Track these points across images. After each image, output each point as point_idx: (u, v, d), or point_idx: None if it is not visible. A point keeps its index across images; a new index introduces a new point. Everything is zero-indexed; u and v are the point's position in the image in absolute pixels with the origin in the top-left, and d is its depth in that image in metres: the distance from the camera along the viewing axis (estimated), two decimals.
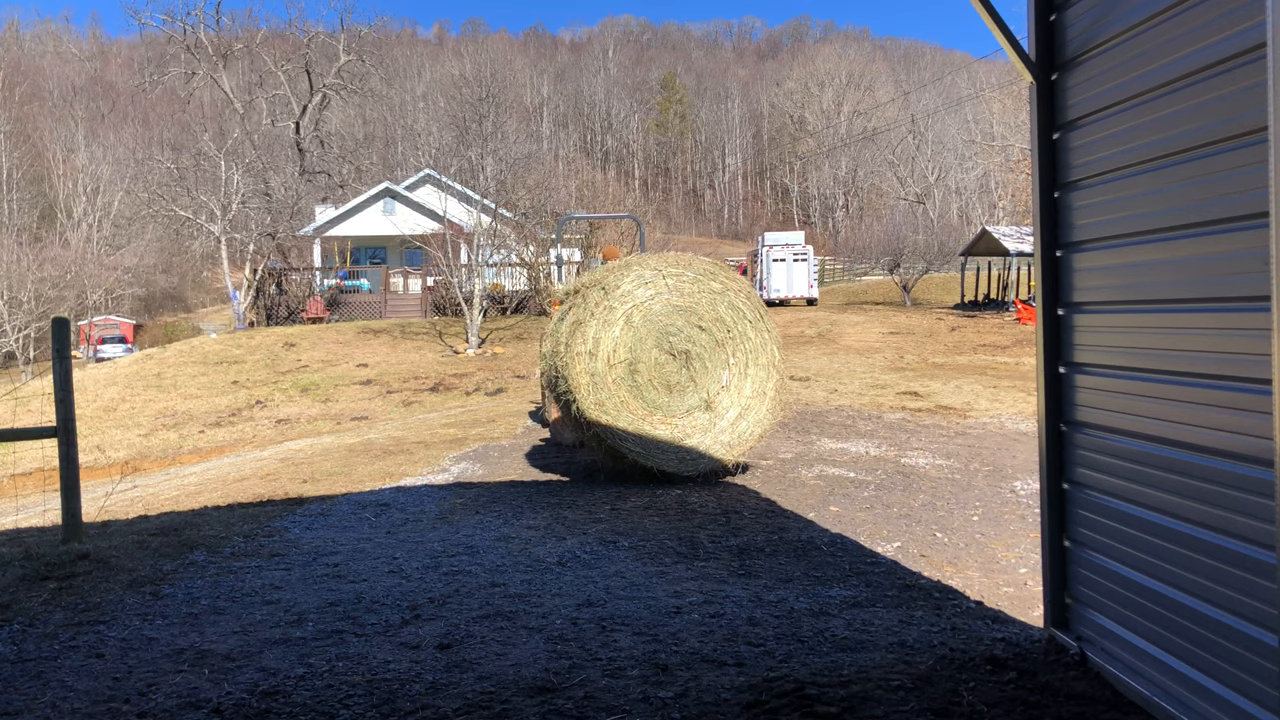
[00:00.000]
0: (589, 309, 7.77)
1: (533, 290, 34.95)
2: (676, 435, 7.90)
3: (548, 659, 3.84)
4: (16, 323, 39.29)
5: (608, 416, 7.69)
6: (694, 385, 8.00)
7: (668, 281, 7.97)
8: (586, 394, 7.67)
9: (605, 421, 7.68)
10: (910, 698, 3.30)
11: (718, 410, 8.04)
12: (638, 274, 7.95)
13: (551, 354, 8.21)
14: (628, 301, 7.84)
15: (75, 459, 5.91)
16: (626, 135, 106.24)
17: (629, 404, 7.76)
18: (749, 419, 8.08)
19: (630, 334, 7.81)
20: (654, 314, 7.91)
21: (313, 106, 52.04)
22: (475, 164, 33.25)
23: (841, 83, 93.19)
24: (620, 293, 7.84)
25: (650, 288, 7.92)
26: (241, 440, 18.76)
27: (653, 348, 7.86)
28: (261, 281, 38.49)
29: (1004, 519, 6.56)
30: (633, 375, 7.81)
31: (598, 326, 7.75)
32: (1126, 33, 3.03)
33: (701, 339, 8.00)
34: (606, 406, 7.70)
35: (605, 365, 7.71)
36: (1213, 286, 2.65)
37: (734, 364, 8.10)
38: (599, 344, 7.73)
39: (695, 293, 8.03)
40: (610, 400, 7.71)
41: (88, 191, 65.93)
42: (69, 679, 3.72)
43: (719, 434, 7.99)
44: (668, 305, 7.95)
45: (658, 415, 7.88)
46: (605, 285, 7.87)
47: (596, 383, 7.69)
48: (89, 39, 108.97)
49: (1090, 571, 3.41)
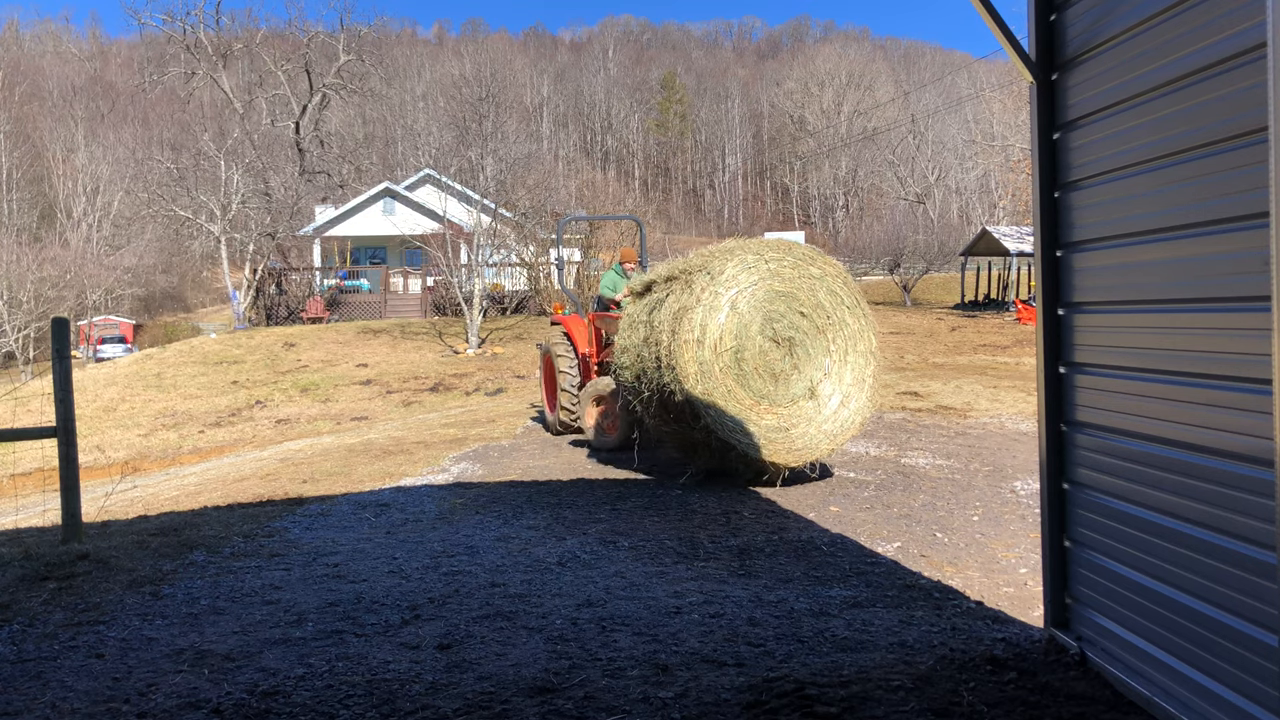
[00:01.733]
0: (695, 295, 7.38)
1: (533, 290, 34.95)
2: (783, 424, 7.57)
3: (548, 659, 3.84)
4: (16, 323, 39.28)
5: (717, 407, 7.32)
6: (797, 373, 7.69)
7: (769, 266, 7.65)
8: (695, 383, 7.28)
9: (715, 412, 7.30)
10: (910, 698, 3.30)
11: (820, 399, 7.74)
12: (741, 259, 7.60)
13: (643, 343, 7.84)
14: (732, 287, 7.49)
15: (75, 459, 5.91)
16: (626, 135, 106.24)
17: (735, 393, 7.42)
18: (850, 407, 7.81)
19: (736, 320, 7.47)
20: (758, 300, 7.57)
21: (313, 106, 52.02)
22: (475, 164, 33.25)
23: (841, 83, 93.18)
24: (725, 278, 7.48)
25: (754, 273, 7.58)
26: (241, 440, 18.76)
27: (757, 334, 7.53)
28: (261, 281, 38.50)
29: (1004, 519, 6.56)
30: (739, 363, 7.47)
31: (704, 313, 7.36)
32: (1126, 33, 3.03)
33: (803, 325, 7.71)
34: (715, 396, 7.32)
35: (712, 353, 7.34)
36: (1213, 286, 2.65)
37: (834, 351, 7.84)
38: (706, 331, 7.34)
39: (795, 278, 7.72)
40: (718, 389, 7.34)
41: (88, 191, 65.92)
42: (69, 679, 3.72)
43: (823, 423, 7.70)
44: (770, 291, 7.62)
45: (764, 404, 7.54)
46: (710, 270, 7.50)
47: (704, 371, 7.32)
48: (89, 39, 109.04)
49: (1090, 571, 3.41)
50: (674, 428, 7.79)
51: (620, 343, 8.30)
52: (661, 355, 7.47)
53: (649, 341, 7.74)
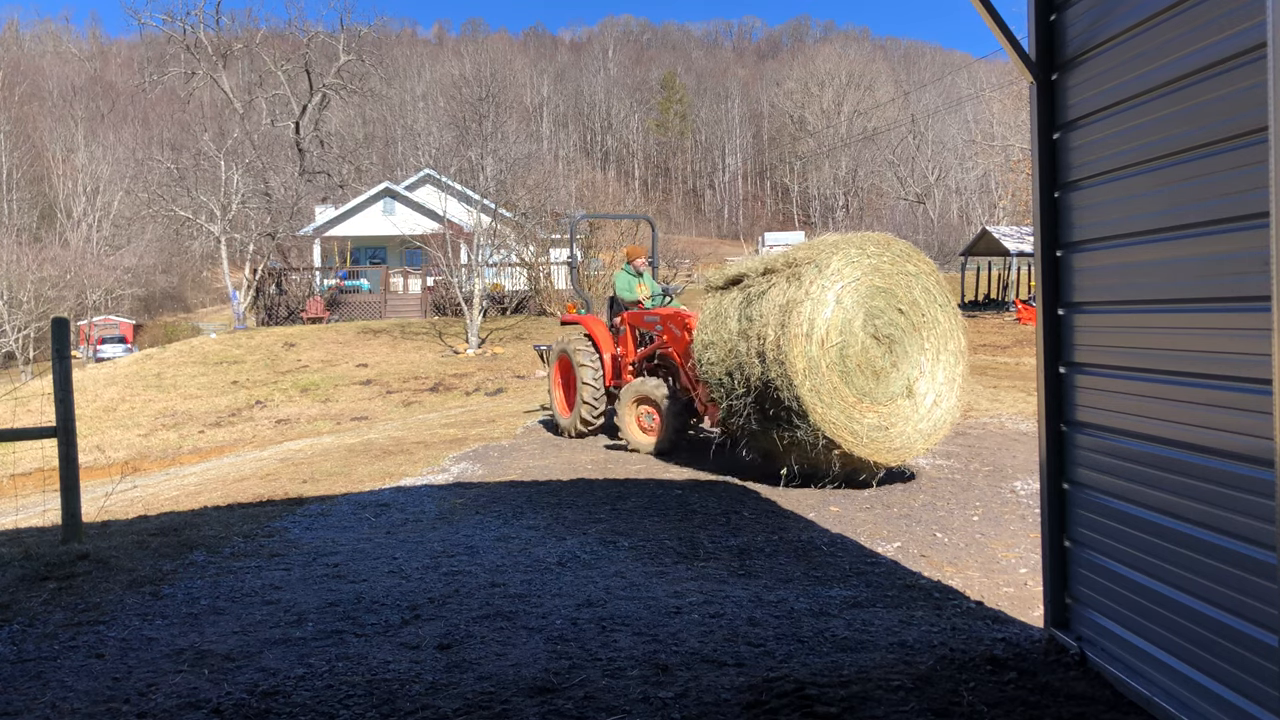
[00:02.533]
0: (804, 288, 7.16)
1: (532, 290, 34.95)
2: (882, 423, 7.40)
3: (548, 659, 3.84)
4: (16, 323, 39.30)
5: (823, 404, 7.10)
6: (896, 371, 7.51)
7: (870, 261, 7.46)
8: (803, 379, 7.05)
9: (821, 409, 7.08)
10: (910, 698, 3.30)
11: (917, 397, 7.57)
12: (845, 253, 7.38)
13: (737, 338, 7.59)
14: (838, 281, 7.28)
15: (75, 459, 5.91)
16: (626, 135, 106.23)
17: (840, 390, 7.22)
18: (942, 407, 7.68)
19: (841, 315, 7.25)
20: (860, 295, 7.38)
21: (313, 106, 52.02)
22: (475, 164, 33.27)
23: (841, 83, 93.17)
24: (831, 271, 7.25)
25: (857, 267, 7.38)
26: (241, 440, 18.76)
27: (859, 331, 7.34)
28: (261, 281, 38.51)
29: (1004, 519, 6.56)
30: (843, 360, 7.26)
31: (812, 306, 7.13)
32: (1126, 33, 3.03)
33: (900, 322, 7.54)
34: (822, 393, 7.11)
35: (819, 349, 7.12)
36: (1213, 286, 2.65)
37: (928, 349, 7.69)
38: (814, 325, 7.11)
39: (894, 274, 7.55)
40: (824, 386, 7.12)
41: (87, 191, 65.92)
42: (69, 679, 3.72)
43: (919, 422, 7.54)
44: (871, 286, 7.43)
45: (865, 402, 7.35)
46: (818, 263, 7.28)
47: (812, 367, 7.08)
48: (89, 39, 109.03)
49: (1090, 571, 3.41)
50: (770, 426, 7.53)
51: (703, 338, 8.04)
52: (767, 350, 7.24)
53: (746, 335, 7.51)
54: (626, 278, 10.85)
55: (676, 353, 9.38)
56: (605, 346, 10.51)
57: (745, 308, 7.68)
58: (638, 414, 9.64)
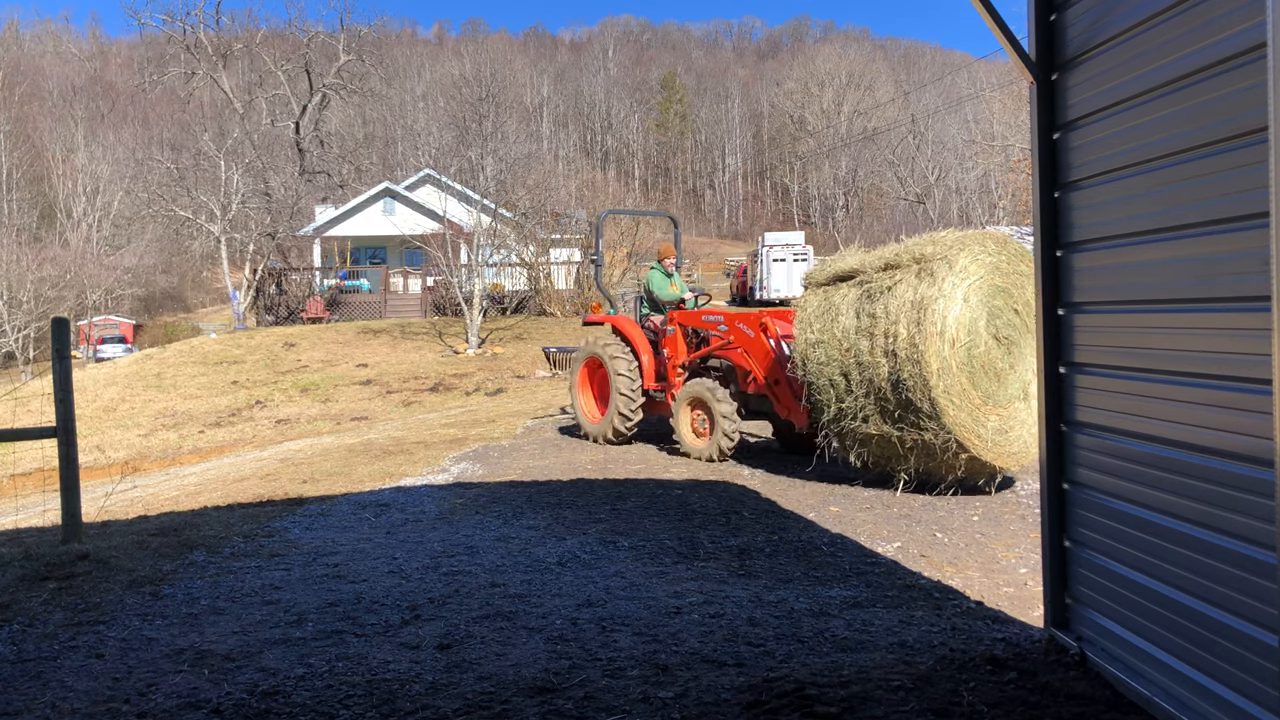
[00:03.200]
0: (938, 285, 6.89)
1: (532, 290, 34.95)
2: (1003, 426, 7.17)
3: (548, 659, 3.84)
4: (16, 323, 39.31)
5: (954, 406, 6.83)
6: (1013, 372, 7.28)
7: (991, 259, 7.21)
8: (937, 380, 6.77)
9: (953, 411, 6.82)
10: (910, 698, 3.30)
11: (1031, 400, 7.31)
12: (970, 250, 7.11)
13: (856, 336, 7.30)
14: (966, 278, 7.02)
15: (75, 459, 5.90)
16: (626, 135, 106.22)
17: (968, 392, 6.97)
18: None
19: (969, 314, 6.97)
20: (984, 294, 7.12)
21: (312, 106, 51.99)
22: (475, 164, 33.27)
23: (841, 83, 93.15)
24: (959, 268, 6.96)
25: (980, 265, 7.13)
26: (241, 440, 18.76)
27: (983, 330, 7.07)
28: (261, 281, 38.51)
29: (1004, 519, 6.56)
30: (970, 360, 7.01)
31: (945, 304, 6.84)
32: (1126, 33, 3.03)
33: (1016, 323, 7.30)
34: (953, 394, 6.85)
35: (950, 349, 6.85)
36: (1213, 286, 2.65)
37: None
38: (946, 324, 6.83)
39: (1010, 273, 7.31)
40: (955, 387, 6.86)
41: (87, 191, 65.92)
42: (69, 679, 3.72)
43: (1031, 426, 7.24)
44: (992, 286, 7.19)
45: (988, 404, 7.11)
46: (949, 260, 7.00)
47: (944, 368, 6.81)
48: (89, 39, 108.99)
49: (1090, 571, 3.41)
50: (893, 429, 7.22)
51: (808, 336, 7.68)
52: (899, 349, 6.94)
53: (869, 333, 7.20)
54: (662, 277, 10.46)
55: (748, 353, 8.97)
56: (642, 348, 10.08)
57: (865, 304, 7.33)
58: (692, 417, 9.28)
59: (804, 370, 7.78)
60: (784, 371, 8.48)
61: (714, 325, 9.48)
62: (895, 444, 7.28)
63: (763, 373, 8.77)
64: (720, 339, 9.35)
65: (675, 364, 9.83)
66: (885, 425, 7.26)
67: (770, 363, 8.68)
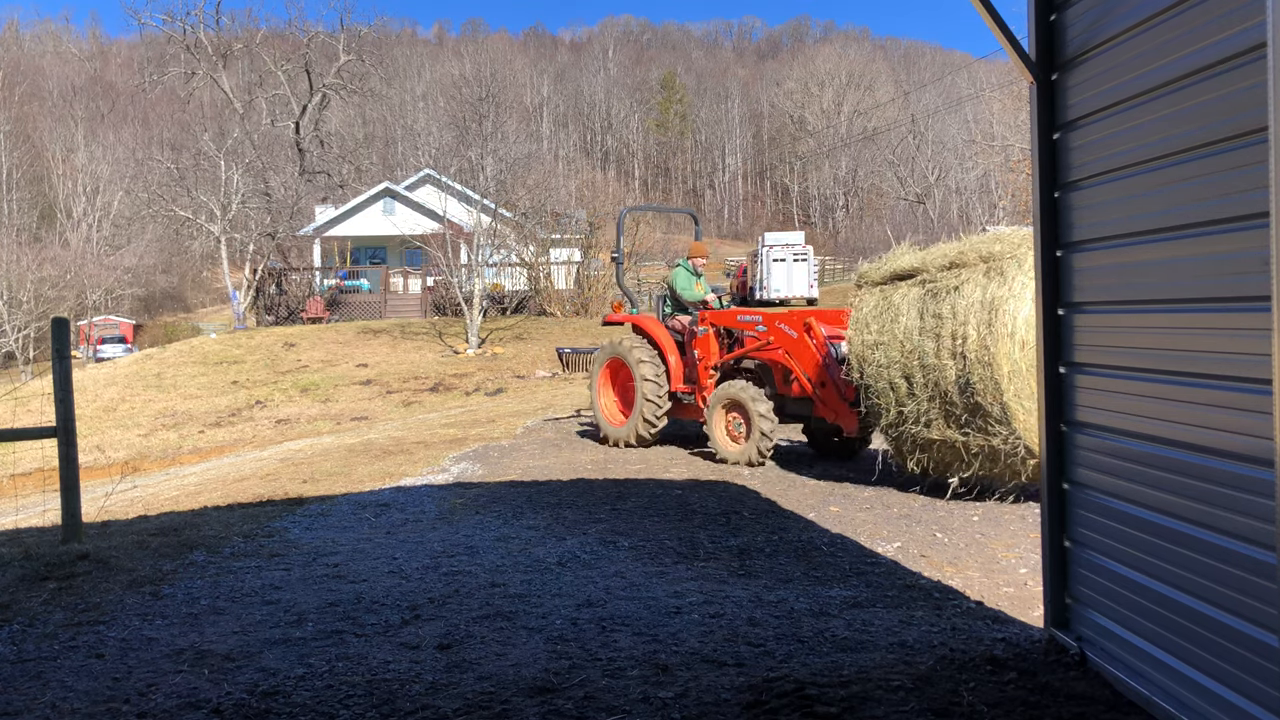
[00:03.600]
0: (1008, 285, 6.63)
1: (532, 290, 34.94)
2: None
3: (548, 659, 3.84)
4: (16, 323, 39.31)
5: (1024, 410, 6.56)
6: None
7: None
8: (1008, 383, 6.54)
9: (1023, 415, 6.56)
10: (910, 698, 3.30)
11: None
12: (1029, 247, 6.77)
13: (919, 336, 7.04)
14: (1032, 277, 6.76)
15: (75, 459, 5.90)
16: (626, 135, 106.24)
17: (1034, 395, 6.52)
18: None
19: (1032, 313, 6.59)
20: None
21: (313, 106, 51.99)
22: (475, 164, 33.27)
23: (841, 83, 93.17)
24: (1029, 266, 6.60)
25: None
26: (241, 440, 18.76)
27: None
28: (261, 281, 38.52)
29: (1004, 519, 6.56)
30: None
31: (1015, 304, 6.57)
32: (1126, 33, 3.03)
33: None
34: (1023, 397, 6.58)
35: (1020, 350, 6.58)
36: (1213, 286, 2.65)
37: None
38: (1017, 324, 6.56)
39: None
40: (1024, 390, 6.58)
41: (87, 191, 65.92)
42: (69, 679, 3.72)
43: None
44: None
45: None
46: (1018, 258, 6.71)
47: (1015, 370, 6.56)
48: (89, 39, 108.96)
49: (1090, 571, 3.41)
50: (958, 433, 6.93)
51: (866, 338, 7.45)
52: (969, 350, 6.68)
53: (935, 334, 6.94)
54: (688, 276, 10.11)
55: (790, 354, 8.59)
56: (669, 349, 9.77)
57: (929, 303, 7.07)
58: (727, 421, 8.88)
59: (860, 373, 7.51)
60: (831, 374, 8.18)
61: (751, 326, 9.09)
62: (960, 449, 6.98)
63: (807, 375, 8.43)
64: (756, 340, 9.00)
65: (707, 366, 9.47)
66: (949, 430, 6.99)
67: (816, 365, 8.35)
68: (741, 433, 8.74)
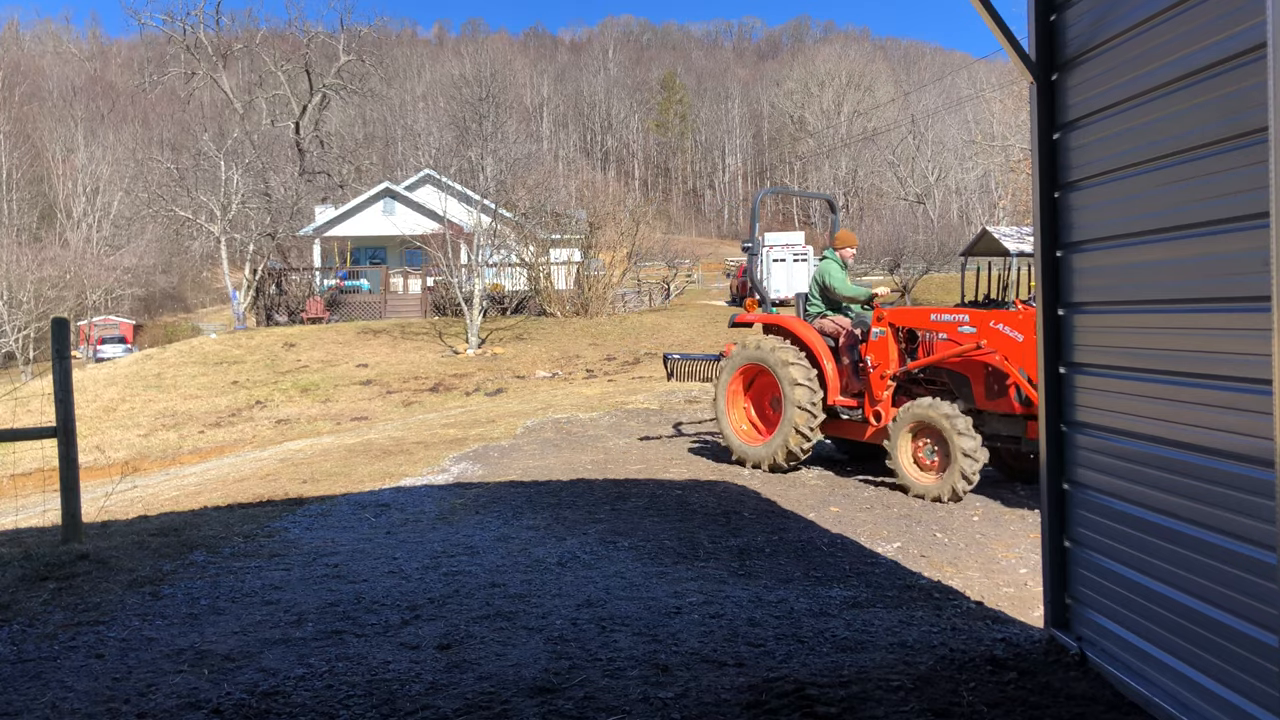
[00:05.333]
0: None
1: (532, 290, 34.94)
2: None
3: (548, 659, 3.84)
4: (16, 323, 39.31)
5: None
6: None
7: None
8: None
9: None
10: (910, 698, 3.30)
11: None
12: None
13: None
14: None
15: (75, 459, 5.90)
16: (626, 135, 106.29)
17: None
18: None
19: None
20: None
21: (312, 106, 52.03)
22: (475, 164, 33.28)
23: (841, 83, 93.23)
24: None
25: None
26: (241, 440, 18.75)
27: None
28: (261, 282, 38.53)
29: (1004, 519, 6.56)
30: None
31: None
32: (1126, 33, 3.03)
33: None
34: None
35: None
36: (1213, 286, 2.65)
37: None
38: None
39: None
40: None
41: (87, 191, 65.93)
42: (69, 679, 3.72)
43: None
44: None
45: None
46: None
47: None
48: (89, 39, 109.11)
49: (1090, 572, 3.41)
50: None
51: None
52: None
53: None
54: (840, 270, 8.67)
55: (1011, 360, 6.98)
56: (823, 354, 8.35)
57: None
58: (915, 446, 7.47)
59: None
60: None
61: (952, 327, 7.50)
62: None
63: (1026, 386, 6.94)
64: (954, 344, 7.45)
65: (882, 374, 7.96)
66: None
67: None
68: (934, 462, 7.34)
